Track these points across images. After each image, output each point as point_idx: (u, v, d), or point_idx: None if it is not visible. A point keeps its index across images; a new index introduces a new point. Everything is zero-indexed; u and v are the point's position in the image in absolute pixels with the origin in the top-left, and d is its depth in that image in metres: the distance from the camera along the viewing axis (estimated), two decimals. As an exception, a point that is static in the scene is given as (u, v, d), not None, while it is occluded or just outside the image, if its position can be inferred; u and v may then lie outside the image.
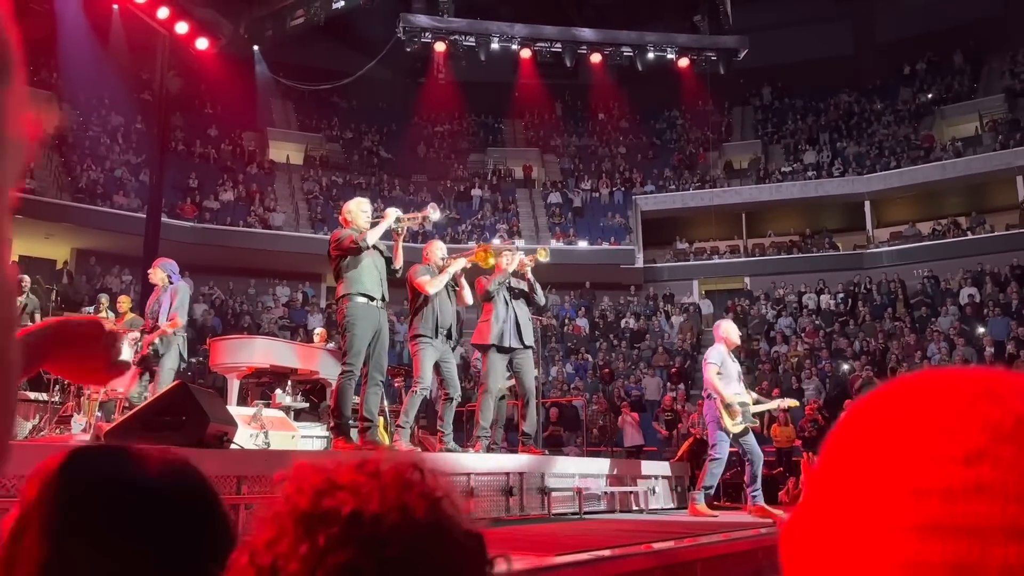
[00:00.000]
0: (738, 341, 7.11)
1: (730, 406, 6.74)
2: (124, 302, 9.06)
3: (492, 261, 6.79)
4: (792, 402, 8.17)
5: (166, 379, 6.60)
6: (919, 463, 0.41)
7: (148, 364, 6.84)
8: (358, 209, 6.05)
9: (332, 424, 5.95)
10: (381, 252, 6.05)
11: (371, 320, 5.83)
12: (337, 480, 0.57)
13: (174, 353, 6.82)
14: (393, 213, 6.03)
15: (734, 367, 6.97)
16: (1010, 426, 0.41)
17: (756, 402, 7.23)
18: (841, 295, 20.74)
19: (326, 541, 0.53)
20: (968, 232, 21.87)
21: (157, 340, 6.73)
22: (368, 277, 5.83)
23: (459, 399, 6.82)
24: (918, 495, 0.40)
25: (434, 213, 6.39)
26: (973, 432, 0.41)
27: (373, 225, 5.96)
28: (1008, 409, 0.41)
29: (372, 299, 5.84)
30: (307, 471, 0.59)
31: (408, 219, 6.19)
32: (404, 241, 6.27)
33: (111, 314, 8.96)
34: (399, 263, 6.14)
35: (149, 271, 7.24)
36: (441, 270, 6.50)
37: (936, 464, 0.41)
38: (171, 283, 7.06)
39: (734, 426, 6.76)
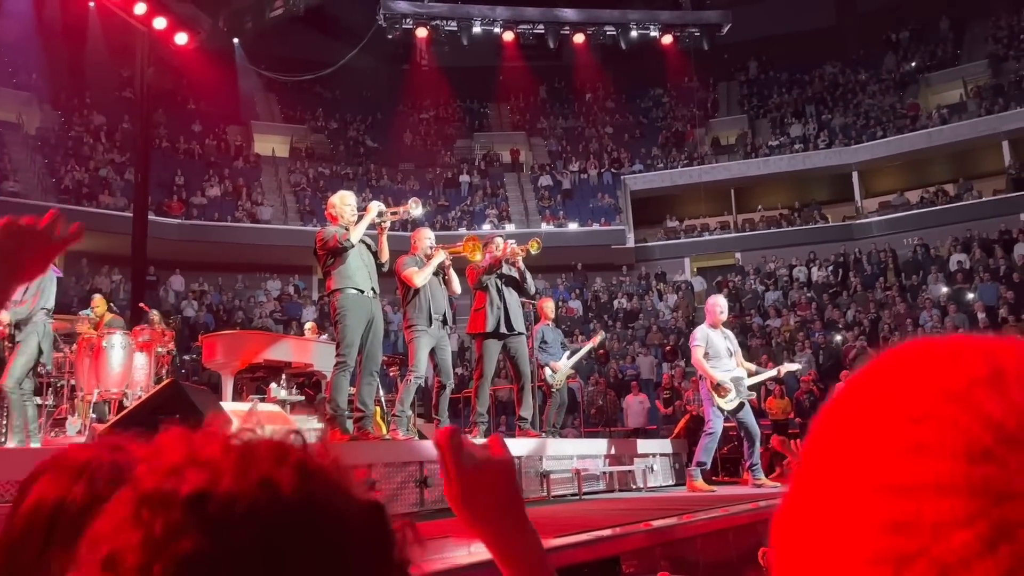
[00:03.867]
0: (721, 317, 7.04)
1: (719, 385, 6.77)
2: (99, 304, 8.63)
3: (479, 255, 6.77)
4: (793, 366, 8.12)
5: (13, 369, 5.98)
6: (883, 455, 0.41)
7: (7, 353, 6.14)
8: (342, 203, 6.02)
9: (327, 416, 5.96)
10: (368, 246, 6.04)
11: (363, 310, 5.82)
12: (197, 456, 0.49)
13: (32, 343, 6.01)
14: (375, 207, 6.00)
15: (723, 343, 6.95)
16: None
17: (755, 373, 7.24)
18: (831, 267, 20.80)
19: (163, 529, 0.46)
20: (956, 199, 21.94)
21: (12, 328, 6.04)
22: (357, 272, 5.82)
23: (452, 386, 6.83)
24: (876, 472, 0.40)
25: (415, 209, 6.35)
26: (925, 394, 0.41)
27: (358, 219, 5.94)
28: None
29: (362, 292, 5.84)
30: (170, 446, 0.51)
31: (390, 213, 6.15)
32: (392, 230, 6.26)
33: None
34: (385, 257, 6.12)
35: None
36: (428, 259, 6.49)
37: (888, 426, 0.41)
38: None
39: (726, 403, 6.80)
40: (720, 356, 6.88)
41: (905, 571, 0.37)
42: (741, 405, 6.85)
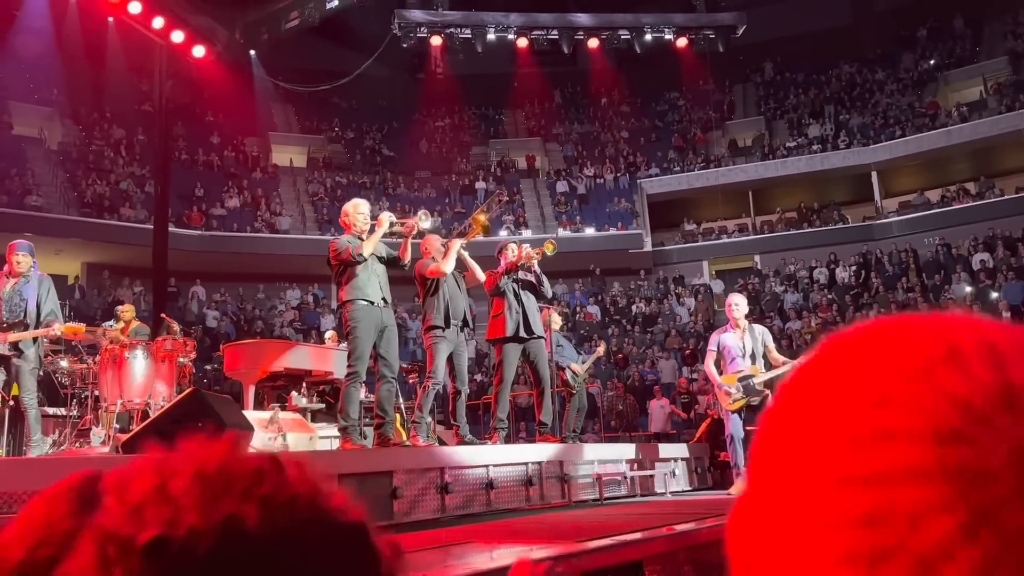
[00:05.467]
0: (736, 315, 6.94)
1: (721, 387, 6.84)
2: (128, 310, 8.95)
3: (487, 220, 6.82)
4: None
5: (28, 383, 5.98)
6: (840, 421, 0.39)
7: (7, 363, 5.99)
8: (355, 211, 6.04)
9: (340, 426, 5.97)
10: (380, 258, 6.05)
11: (373, 320, 5.82)
12: (165, 489, 0.47)
13: (34, 355, 6.06)
14: (387, 219, 6.00)
15: (737, 344, 6.91)
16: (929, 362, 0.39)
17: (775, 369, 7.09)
18: (853, 268, 20.63)
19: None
20: (978, 197, 21.70)
21: (29, 340, 5.97)
22: (368, 284, 5.84)
23: (468, 392, 6.84)
24: (842, 447, 0.38)
25: (424, 221, 6.35)
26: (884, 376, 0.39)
27: (370, 230, 5.96)
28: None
29: (373, 303, 5.85)
30: (140, 474, 0.49)
31: (400, 223, 6.16)
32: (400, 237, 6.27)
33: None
34: (407, 258, 6.16)
35: (18, 257, 6.17)
36: (444, 255, 6.50)
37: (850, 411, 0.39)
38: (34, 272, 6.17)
39: (730, 405, 6.81)
40: (735, 357, 6.85)
41: (881, 568, 0.35)
42: (751, 405, 6.78)
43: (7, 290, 6.04)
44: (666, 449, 8.24)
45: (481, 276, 6.84)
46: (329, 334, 10.78)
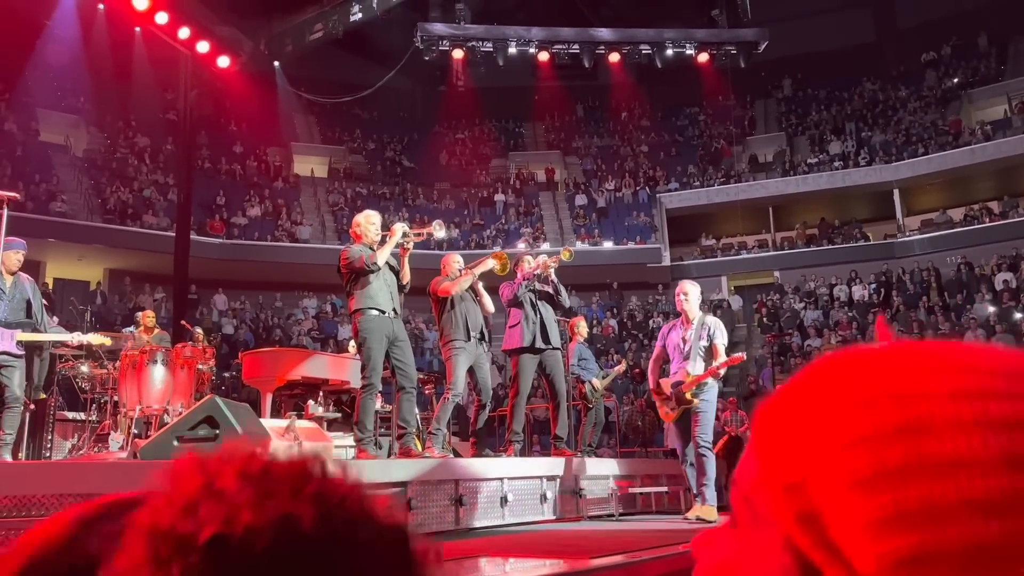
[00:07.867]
0: (684, 309, 6.00)
1: (658, 394, 6.03)
2: (150, 317, 9.14)
3: (508, 269, 6.78)
4: (736, 357, 6.31)
5: (21, 380, 5.83)
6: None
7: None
8: (367, 222, 6.06)
9: (355, 437, 5.96)
10: (391, 266, 6.06)
11: (384, 330, 5.81)
12: (214, 485, 0.47)
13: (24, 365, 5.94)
14: (400, 229, 6.01)
15: (679, 341, 5.95)
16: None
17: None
18: (873, 286, 20.46)
19: (182, 574, 0.45)
20: (1001, 217, 21.48)
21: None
22: (379, 292, 5.84)
23: (491, 405, 6.80)
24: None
25: (439, 230, 6.36)
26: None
27: (382, 241, 5.98)
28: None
29: (384, 312, 5.85)
30: (187, 472, 0.49)
31: (414, 234, 6.17)
32: (426, 249, 6.30)
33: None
34: (406, 279, 6.13)
35: (20, 255, 6.01)
36: (459, 279, 6.52)
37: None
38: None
39: (665, 416, 6.04)
40: (673, 359, 5.95)
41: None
42: (681, 415, 5.91)
43: (9, 287, 5.95)
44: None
45: (491, 307, 6.79)
46: (353, 344, 10.82)
